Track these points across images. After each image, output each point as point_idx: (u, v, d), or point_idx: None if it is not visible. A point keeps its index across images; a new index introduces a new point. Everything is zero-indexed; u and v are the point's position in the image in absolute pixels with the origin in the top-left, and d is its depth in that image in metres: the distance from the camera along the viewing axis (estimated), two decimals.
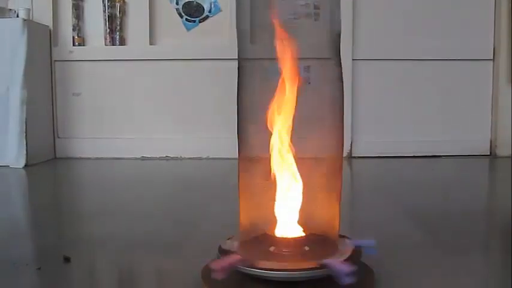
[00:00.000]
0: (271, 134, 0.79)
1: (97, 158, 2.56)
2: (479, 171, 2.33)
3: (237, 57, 0.83)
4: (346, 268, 0.71)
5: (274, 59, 0.78)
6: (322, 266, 0.73)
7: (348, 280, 0.70)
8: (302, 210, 0.81)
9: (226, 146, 2.00)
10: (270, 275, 0.74)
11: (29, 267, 0.95)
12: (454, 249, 1.05)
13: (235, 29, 0.82)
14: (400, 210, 1.40)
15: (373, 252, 0.82)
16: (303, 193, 0.80)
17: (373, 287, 0.79)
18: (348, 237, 0.85)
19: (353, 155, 2.55)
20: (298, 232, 0.81)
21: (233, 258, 0.76)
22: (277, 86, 0.78)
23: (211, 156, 2.55)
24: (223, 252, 0.80)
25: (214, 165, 2.39)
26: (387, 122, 2.59)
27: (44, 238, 1.19)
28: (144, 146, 2.59)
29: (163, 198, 1.65)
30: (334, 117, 0.82)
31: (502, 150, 2.55)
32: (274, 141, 0.79)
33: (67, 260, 0.96)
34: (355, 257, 0.78)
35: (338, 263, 0.72)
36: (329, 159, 0.82)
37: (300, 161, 0.81)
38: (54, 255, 1.00)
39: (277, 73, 0.78)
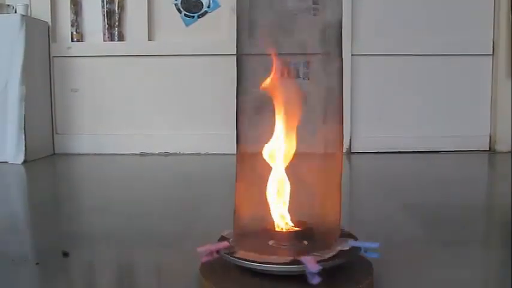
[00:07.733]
0: (271, 128, 0.79)
1: (96, 154, 2.56)
2: (479, 167, 2.33)
3: (235, 53, 0.82)
4: (314, 267, 0.69)
5: (270, 54, 0.77)
6: (296, 262, 0.72)
7: (314, 280, 0.69)
8: (302, 205, 0.81)
9: (225, 142, 1.99)
10: (247, 265, 0.74)
11: (27, 262, 0.95)
12: (454, 244, 1.05)
13: (235, 24, 0.82)
14: (399, 205, 1.40)
15: (375, 256, 0.79)
16: (303, 188, 0.80)
17: (372, 281, 0.79)
18: (354, 237, 0.83)
19: (352, 151, 2.54)
20: (296, 226, 0.80)
21: (220, 244, 0.78)
22: (274, 82, 0.78)
23: (210, 152, 2.54)
24: (221, 239, 0.81)
25: (213, 161, 2.39)
26: (386, 118, 2.58)
27: (42, 233, 1.19)
28: (143, 142, 2.59)
29: (163, 194, 1.65)
30: (334, 112, 0.81)
31: (502, 146, 2.55)
32: (274, 136, 0.79)
33: (66, 255, 0.96)
34: (351, 252, 0.78)
35: (311, 261, 0.71)
36: (329, 155, 0.82)
37: (300, 156, 0.80)
38: (53, 251, 1.00)
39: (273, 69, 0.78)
